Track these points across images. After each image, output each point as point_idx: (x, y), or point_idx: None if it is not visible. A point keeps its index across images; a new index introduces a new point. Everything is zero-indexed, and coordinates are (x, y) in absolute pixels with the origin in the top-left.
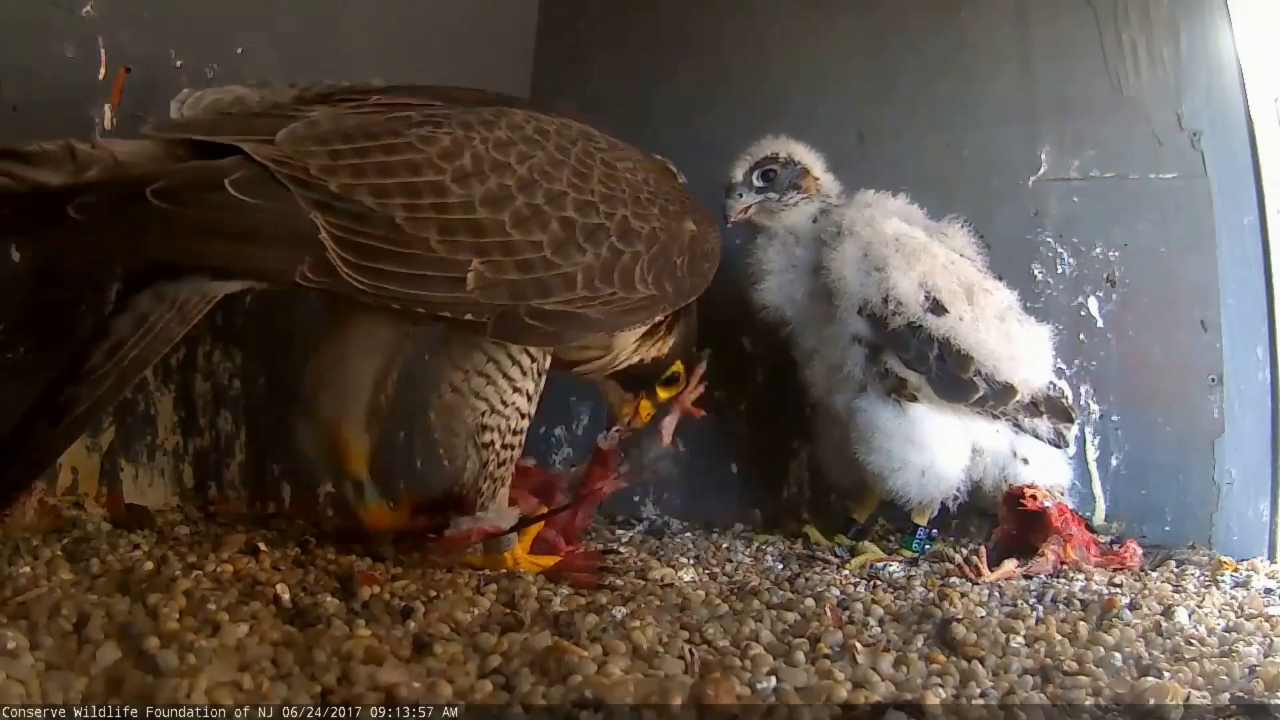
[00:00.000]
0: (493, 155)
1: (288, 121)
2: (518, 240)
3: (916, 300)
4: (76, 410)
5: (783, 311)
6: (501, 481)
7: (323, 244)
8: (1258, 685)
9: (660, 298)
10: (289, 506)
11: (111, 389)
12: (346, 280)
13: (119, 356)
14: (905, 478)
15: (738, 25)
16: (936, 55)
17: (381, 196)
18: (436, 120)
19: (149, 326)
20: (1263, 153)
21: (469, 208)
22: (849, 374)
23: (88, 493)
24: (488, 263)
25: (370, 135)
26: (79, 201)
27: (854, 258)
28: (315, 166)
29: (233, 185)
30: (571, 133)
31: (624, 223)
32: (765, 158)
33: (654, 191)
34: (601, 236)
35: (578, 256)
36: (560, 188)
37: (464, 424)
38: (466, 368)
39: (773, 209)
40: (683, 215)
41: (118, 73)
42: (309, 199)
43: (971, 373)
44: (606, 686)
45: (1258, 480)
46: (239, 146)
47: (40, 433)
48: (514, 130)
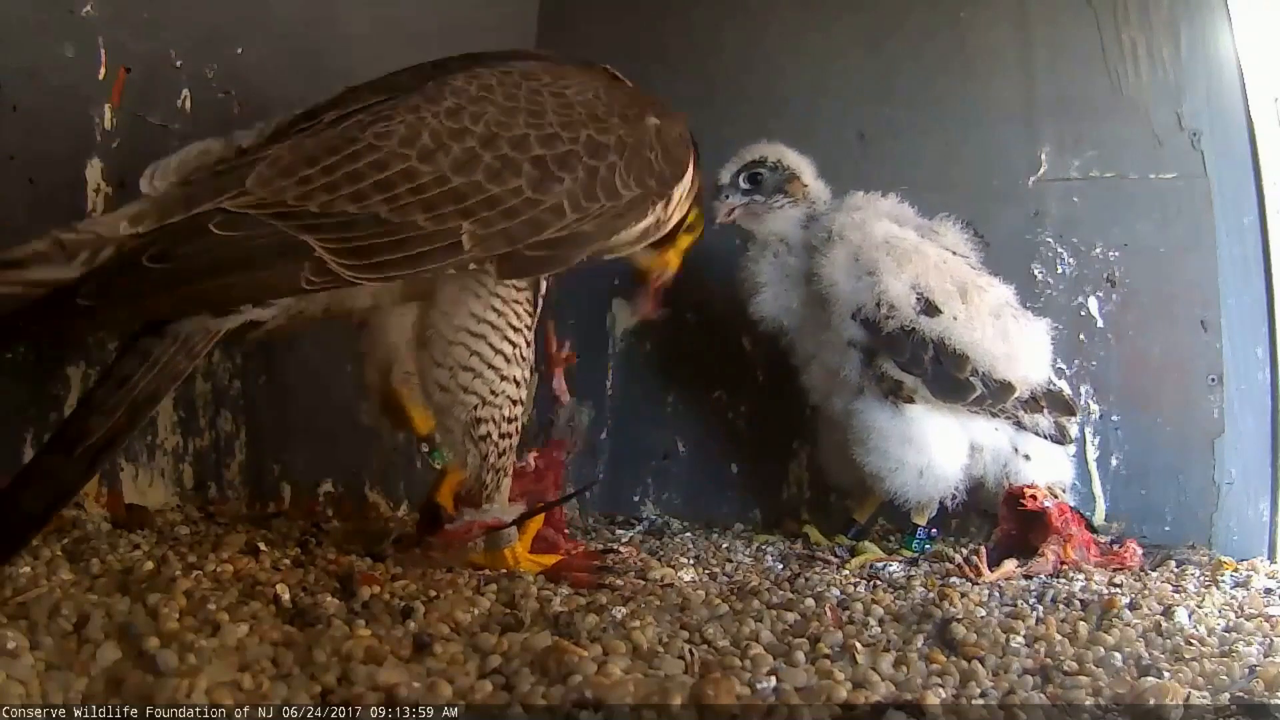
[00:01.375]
0: (448, 125)
1: (251, 169)
2: (497, 192)
3: (909, 303)
4: (89, 442)
5: (780, 321)
6: (504, 472)
7: (320, 258)
8: (1258, 685)
9: (647, 193)
10: (289, 506)
11: (123, 422)
12: (350, 280)
13: (128, 388)
14: (903, 478)
15: (738, 25)
16: (936, 55)
17: (361, 200)
18: (386, 115)
19: (154, 361)
20: (1263, 153)
21: (443, 180)
22: (846, 378)
23: (88, 493)
24: (477, 221)
25: (331, 150)
26: (84, 290)
27: (845, 263)
28: (291, 197)
29: (217, 227)
30: (514, 79)
31: (590, 141)
32: (752, 161)
33: (609, 103)
34: (574, 161)
35: (557, 187)
36: (520, 131)
37: (457, 420)
38: (450, 365)
39: (758, 212)
40: (642, 114)
41: (118, 73)
42: (296, 226)
43: (968, 372)
44: (606, 686)
45: (1258, 480)
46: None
47: (54, 466)
48: (459, 95)
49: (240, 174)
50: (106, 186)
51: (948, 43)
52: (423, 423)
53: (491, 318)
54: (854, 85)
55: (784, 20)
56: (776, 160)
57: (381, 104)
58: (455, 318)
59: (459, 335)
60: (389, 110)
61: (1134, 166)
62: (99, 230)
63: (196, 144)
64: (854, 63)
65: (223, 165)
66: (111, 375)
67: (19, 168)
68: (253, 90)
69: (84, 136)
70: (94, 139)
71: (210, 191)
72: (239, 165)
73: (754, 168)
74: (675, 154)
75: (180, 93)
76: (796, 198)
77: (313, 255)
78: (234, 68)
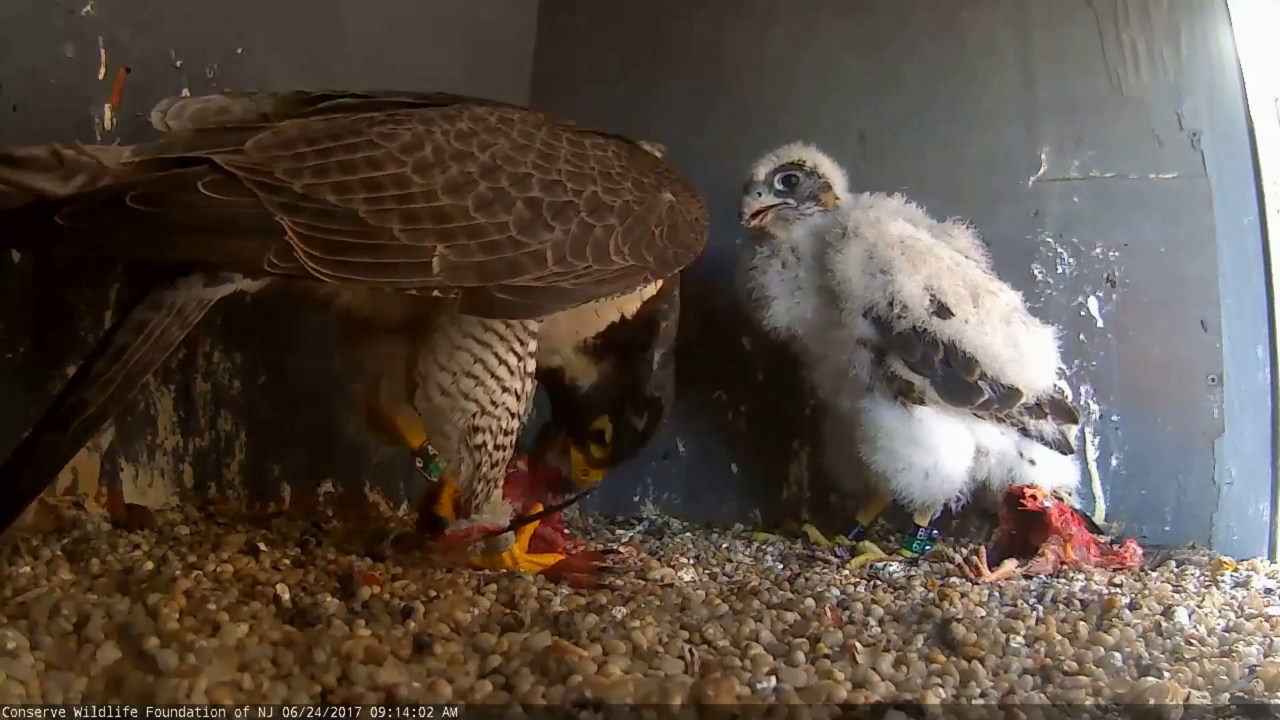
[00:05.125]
0: (454, 145)
1: (256, 133)
2: (482, 223)
3: (922, 303)
4: (84, 415)
5: (793, 330)
6: (495, 483)
7: (289, 242)
8: (1258, 685)
9: (640, 267)
10: (289, 506)
11: (117, 393)
12: (311, 273)
13: (123, 360)
14: (909, 479)
15: (739, 26)
16: (937, 55)
17: (344, 193)
18: (398, 118)
19: (149, 332)
20: (1263, 153)
21: (431, 196)
22: (855, 377)
23: (88, 493)
24: (452, 247)
25: (333, 137)
26: (67, 210)
27: (859, 260)
28: (280, 170)
29: (204, 186)
30: (536, 119)
31: (593, 198)
32: (790, 162)
33: (625, 167)
34: (570, 213)
35: (545, 234)
36: (524, 170)
37: (455, 427)
38: (454, 370)
39: (788, 218)
40: (659, 187)
41: (118, 73)
42: (275, 202)
43: (977, 376)
44: (606, 686)
45: (1258, 480)
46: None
47: (49, 439)
48: (476, 121)
49: (244, 136)
50: None
51: (948, 43)
52: (413, 437)
53: (499, 327)
54: (854, 85)
55: (785, 21)
56: (813, 167)
57: (401, 108)
58: (464, 322)
59: (465, 341)
60: (403, 115)
61: (1134, 166)
62: (101, 158)
63: (219, 98)
64: (854, 63)
65: (235, 123)
66: (109, 347)
67: None
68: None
69: (84, 136)
70: (94, 139)
71: (213, 144)
72: (248, 127)
73: (791, 169)
74: (682, 236)
75: (180, 93)
76: (827, 208)
77: (282, 238)
78: (234, 68)
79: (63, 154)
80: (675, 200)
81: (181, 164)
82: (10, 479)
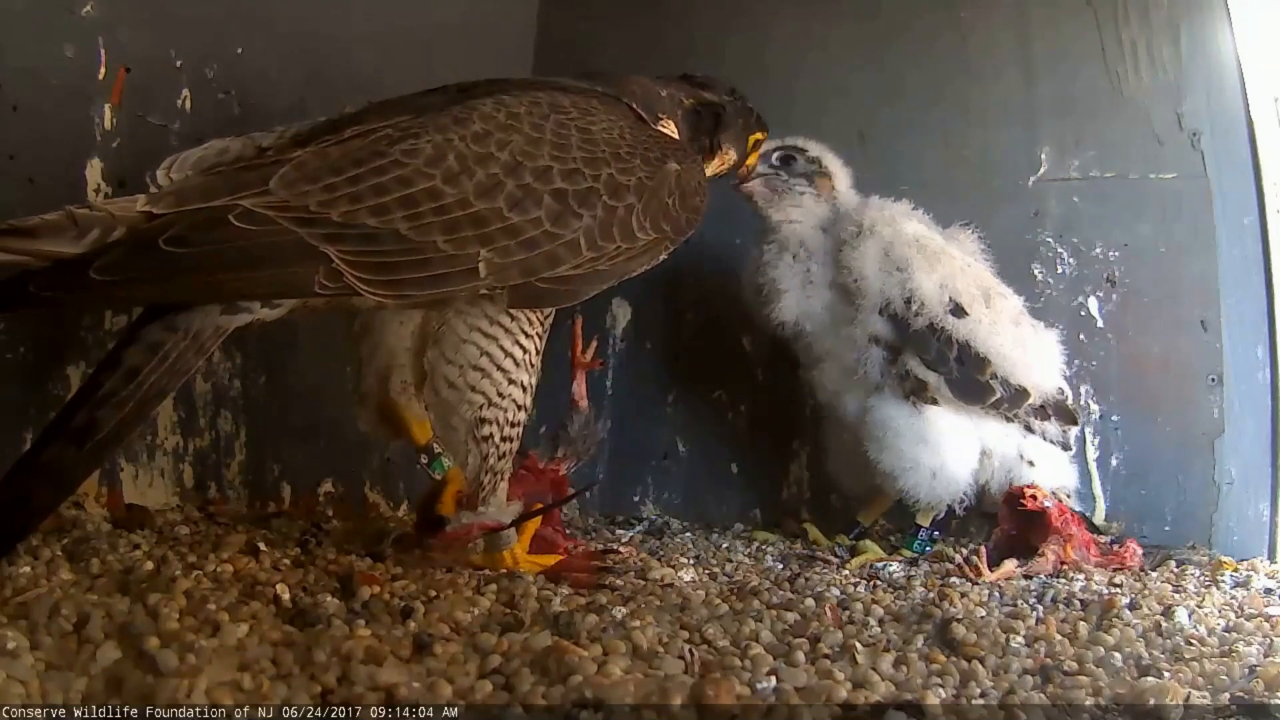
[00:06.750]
0: (474, 150)
1: (275, 169)
2: (517, 222)
3: (939, 301)
4: (99, 435)
5: (802, 326)
6: (501, 475)
7: (337, 267)
8: (1258, 685)
9: (661, 238)
10: (289, 506)
11: (132, 416)
12: (365, 294)
13: (138, 382)
14: (916, 478)
15: (740, 26)
16: (937, 56)
17: (382, 215)
18: (414, 132)
19: (164, 355)
20: (1263, 153)
21: (465, 203)
22: (864, 375)
23: (88, 493)
24: (495, 249)
25: (357, 162)
26: (100, 264)
27: (875, 257)
28: (314, 203)
29: (237, 219)
30: (542, 109)
31: (611, 180)
32: (791, 145)
33: (633, 144)
34: (594, 199)
35: (575, 223)
36: (544, 163)
37: (462, 419)
38: (461, 362)
39: (776, 188)
40: (664, 159)
41: (118, 73)
42: (317, 234)
43: (989, 375)
44: (606, 686)
45: (1258, 480)
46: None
47: (64, 457)
48: (487, 121)
49: (263, 173)
50: (106, 186)
51: (948, 43)
52: (420, 432)
53: (505, 320)
54: (854, 85)
55: (786, 21)
56: (816, 156)
57: (408, 122)
58: (470, 315)
59: (472, 334)
60: (417, 128)
61: (1134, 166)
62: (113, 210)
63: (217, 141)
64: (854, 63)
65: (243, 163)
66: (120, 367)
67: (19, 168)
68: (253, 90)
69: (84, 136)
70: (94, 139)
71: (231, 185)
72: (262, 164)
73: (790, 150)
74: (691, 201)
75: (180, 93)
76: (819, 193)
77: (329, 263)
78: (234, 68)
79: (75, 214)
80: (680, 168)
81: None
82: (23, 495)
